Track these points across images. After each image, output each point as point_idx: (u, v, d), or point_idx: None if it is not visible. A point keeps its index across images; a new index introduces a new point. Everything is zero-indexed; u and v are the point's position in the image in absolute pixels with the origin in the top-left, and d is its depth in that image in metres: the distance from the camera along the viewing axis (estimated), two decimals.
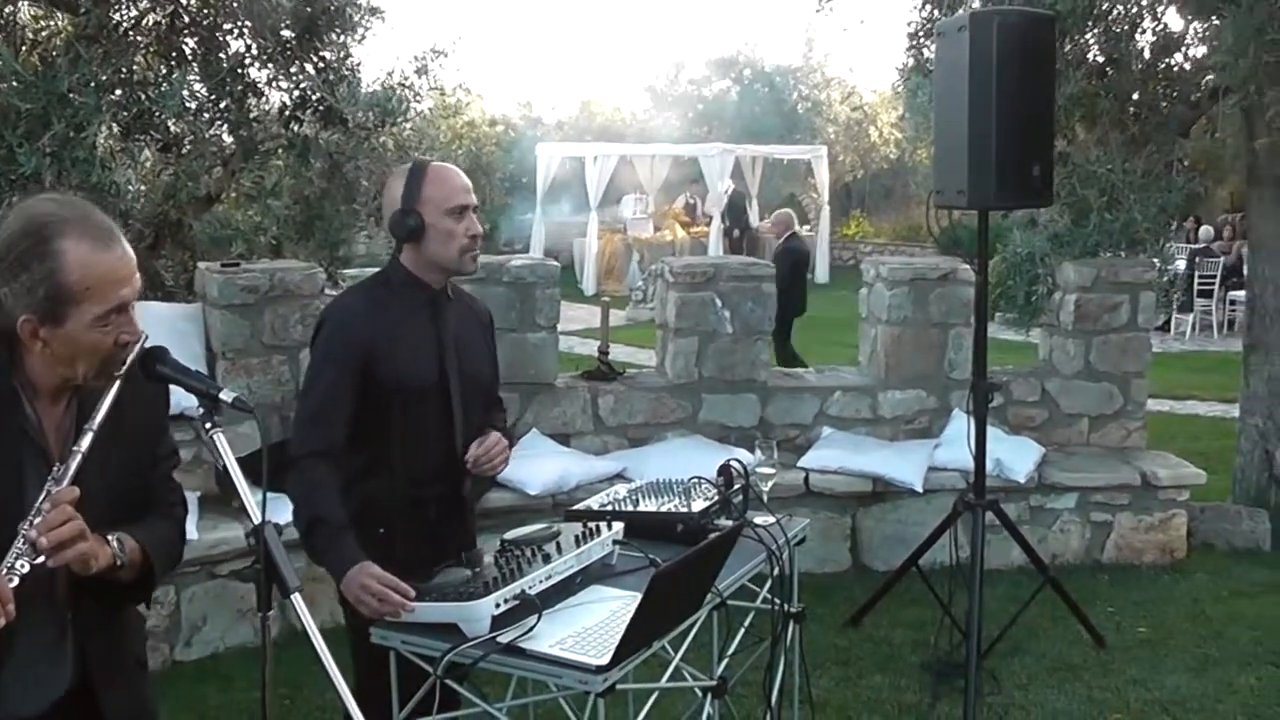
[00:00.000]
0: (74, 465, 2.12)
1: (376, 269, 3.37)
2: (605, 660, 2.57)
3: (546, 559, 2.95)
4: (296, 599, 2.08)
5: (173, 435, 2.52)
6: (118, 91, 6.25)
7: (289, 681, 4.61)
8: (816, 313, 15.68)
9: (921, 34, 7.93)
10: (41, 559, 2.05)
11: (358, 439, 3.09)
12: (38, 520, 2.06)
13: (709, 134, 27.80)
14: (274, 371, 5.93)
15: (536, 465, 5.99)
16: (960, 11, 6.62)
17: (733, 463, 3.69)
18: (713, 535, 3.18)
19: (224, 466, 5.77)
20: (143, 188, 6.35)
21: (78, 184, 5.46)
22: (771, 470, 3.79)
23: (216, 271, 5.92)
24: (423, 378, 3.15)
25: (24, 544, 2.05)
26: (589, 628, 2.76)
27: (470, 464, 3.14)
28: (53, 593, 2.22)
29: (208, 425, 2.20)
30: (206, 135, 6.65)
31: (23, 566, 2.03)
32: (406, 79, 6.98)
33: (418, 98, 6.96)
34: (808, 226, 23.96)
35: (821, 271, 22.18)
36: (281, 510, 2.72)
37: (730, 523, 3.41)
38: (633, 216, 22.62)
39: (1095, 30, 7.20)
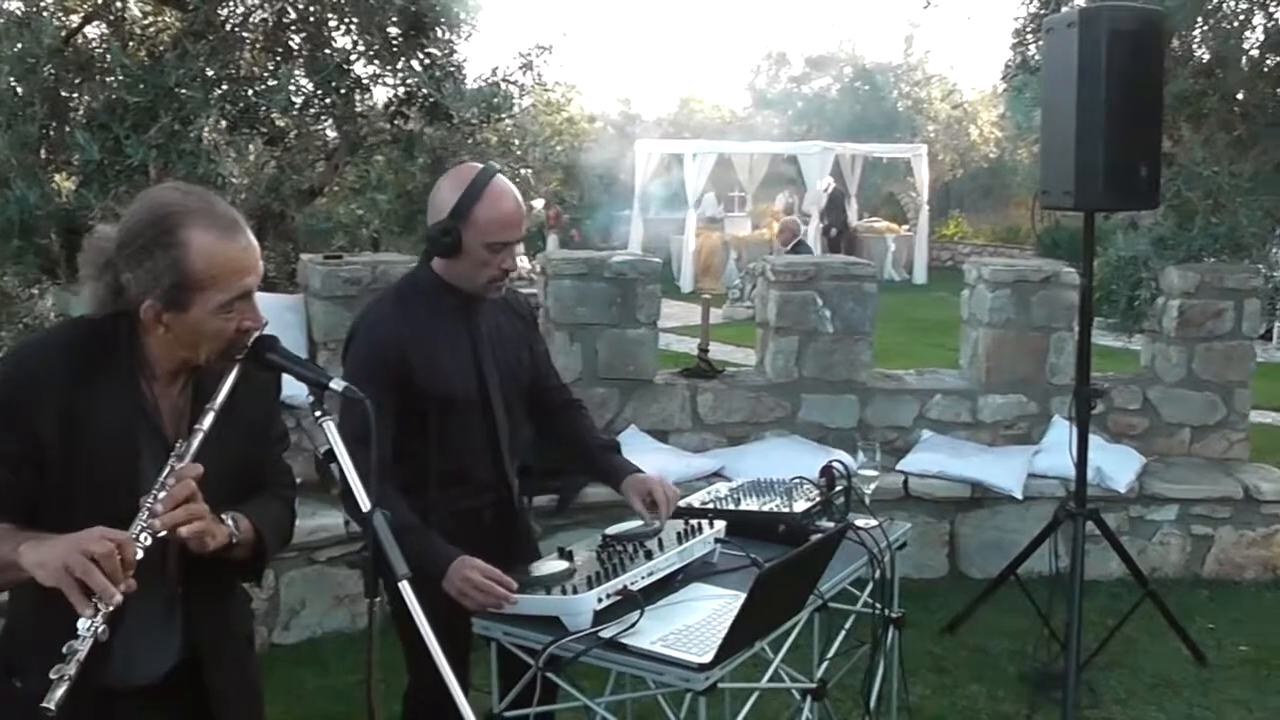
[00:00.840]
0: (196, 443, 2.18)
1: None
2: (707, 658, 2.56)
3: (649, 555, 2.96)
4: (404, 586, 2.09)
5: (283, 419, 2.57)
6: (224, 86, 6.39)
7: (387, 666, 4.62)
8: (915, 314, 15.56)
9: (1028, 30, 7.81)
10: (163, 532, 2.10)
11: (402, 451, 3.01)
12: (161, 495, 2.11)
13: (808, 132, 27.68)
14: None
15: (634, 461, 5.97)
16: (1068, 7, 6.49)
17: (835, 464, 3.67)
18: (816, 537, 3.16)
19: (324, 454, 5.83)
20: (246, 180, 6.47)
21: (183, 175, 5.58)
22: (874, 473, 3.76)
23: (319, 263, 6.02)
24: (461, 388, 3.08)
25: (146, 517, 2.09)
26: (690, 625, 2.76)
27: (660, 523, 3.08)
28: (164, 567, 2.28)
29: (317, 414, 2.23)
30: (311, 130, 6.77)
31: (145, 539, 2.07)
32: (511, 74, 7.03)
33: (522, 93, 7.00)
34: (906, 226, 23.77)
35: (919, 272, 21.96)
36: None
37: (832, 524, 3.40)
38: (711, 216, 22.55)
39: (1203, 27, 7.02)
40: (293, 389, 2.37)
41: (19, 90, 5.75)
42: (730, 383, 6.76)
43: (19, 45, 5.77)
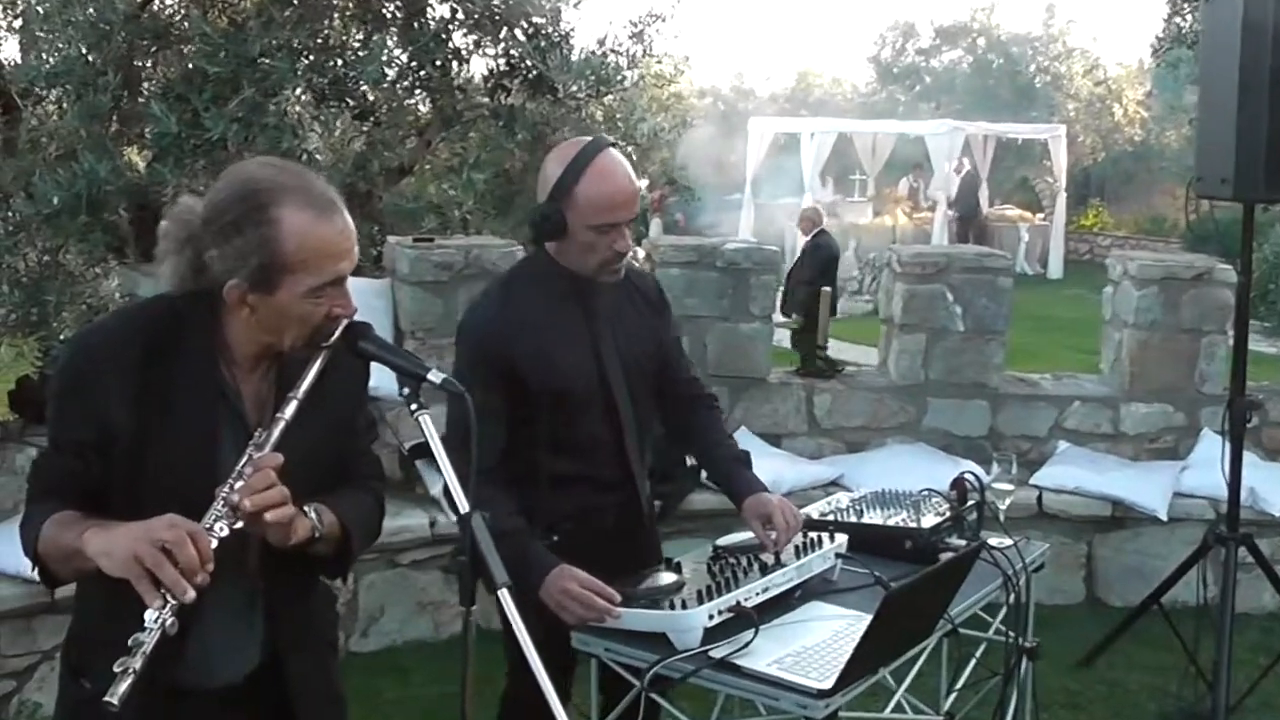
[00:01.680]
0: (277, 432, 2.19)
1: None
2: (828, 684, 2.55)
3: (764, 569, 2.96)
4: (503, 594, 2.11)
5: (370, 410, 2.59)
6: (310, 56, 6.45)
7: (478, 678, 4.72)
8: (1050, 313, 15.31)
9: None
10: (240, 523, 2.11)
11: (517, 448, 3.03)
12: (239, 484, 2.12)
13: (937, 110, 27.38)
14: None
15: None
16: None
17: (967, 475, 3.63)
18: (947, 556, 3.13)
19: (409, 449, 5.87)
20: (332, 157, 6.55)
21: (265, 150, 5.62)
22: (1009, 486, 3.72)
23: (408, 246, 6.09)
24: (578, 380, 3.07)
25: (223, 507, 2.11)
26: (809, 647, 2.75)
27: (777, 550, 3.07)
28: (244, 561, 2.30)
29: (413, 407, 2.24)
30: (403, 104, 6.83)
31: (221, 530, 2.09)
32: (620, 45, 7.02)
33: (631, 65, 6.99)
34: (1041, 215, 23.40)
35: (1055, 266, 21.60)
36: None
37: (963, 543, 3.36)
38: (814, 202, 22.37)
39: None
40: (376, 380, 2.41)
41: (90, 59, 5.84)
42: (850, 383, 6.73)
43: (90, 10, 5.86)
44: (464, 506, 2.15)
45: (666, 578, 2.93)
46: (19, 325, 5.72)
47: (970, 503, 3.55)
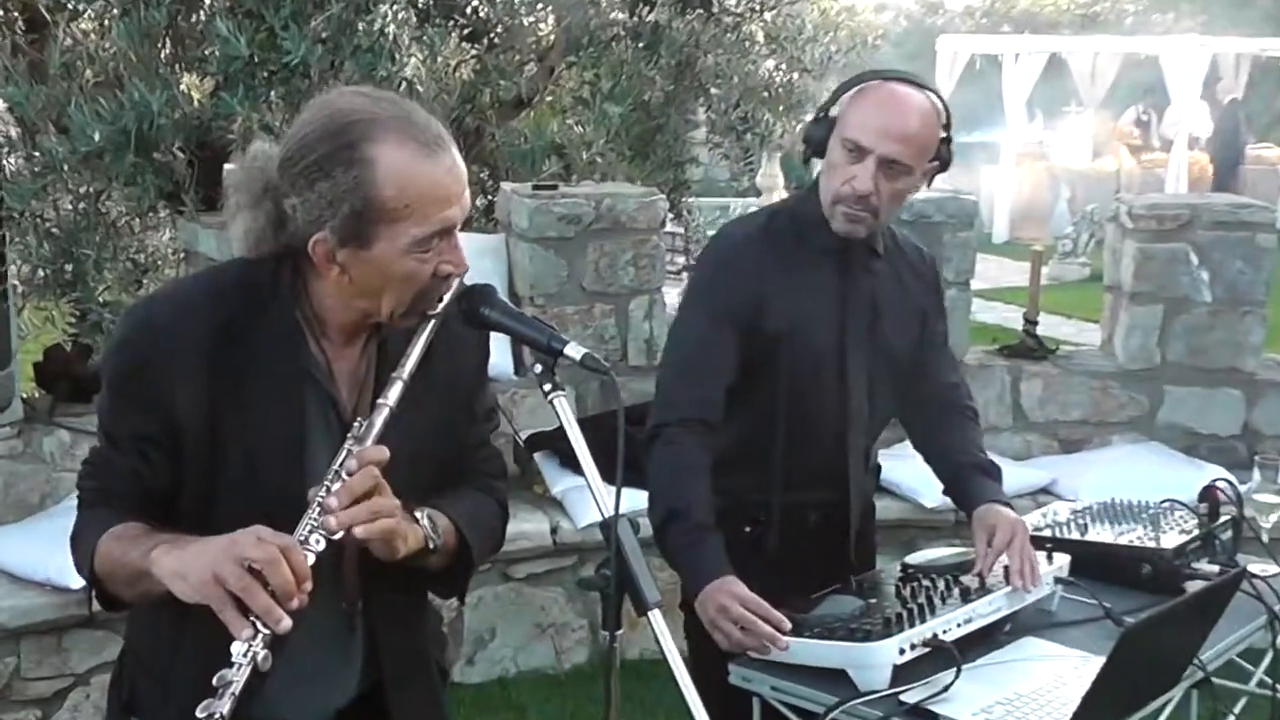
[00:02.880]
0: (380, 421, 2.19)
1: (717, 199, 3.41)
2: None
3: (966, 595, 2.94)
4: (655, 616, 2.13)
5: (493, 393, 2.63)
6: None
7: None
8: None
9: None
10: (339, 534, 2.11)
11: (731, 414, 3.13)
12: (336, 487, 2.12)
13: (1175, 22, 26.77)
14: (596, 325, 6.12)
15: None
16: None
17: (1220, 485, 3.57)
18: (1197, 585, 3.09)
19: (526, 441, 5.94)
20: (435, 87, 6.59)
21: (356, 78, 5.66)
22: (1275, 499, 3.64)
23: (527, 195, 6.14)
24: (817, 347, 3.16)
25: (319, 514, 2.10)
26: (1022, 694, 2.73)
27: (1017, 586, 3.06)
28: (340, 578, 2.33)
29: (547, 388, 2.24)
30: (522, 22, 6.85)
31: (317, 542, 2.09)
32: None
33: None
34: None
35: None
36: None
37: (1216, 568, 3.31)
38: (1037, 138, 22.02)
39: None
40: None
41: None
42: (1065, 367, 6.66)
43: None
44: (608, 509, 2.16)
45: (847, 602, 2.93)
46: (49, 285, 5.84)
47: (1224, 519, 3.49)
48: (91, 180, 5.83)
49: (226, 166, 6.21)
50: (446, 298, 2.25)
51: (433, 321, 2.26)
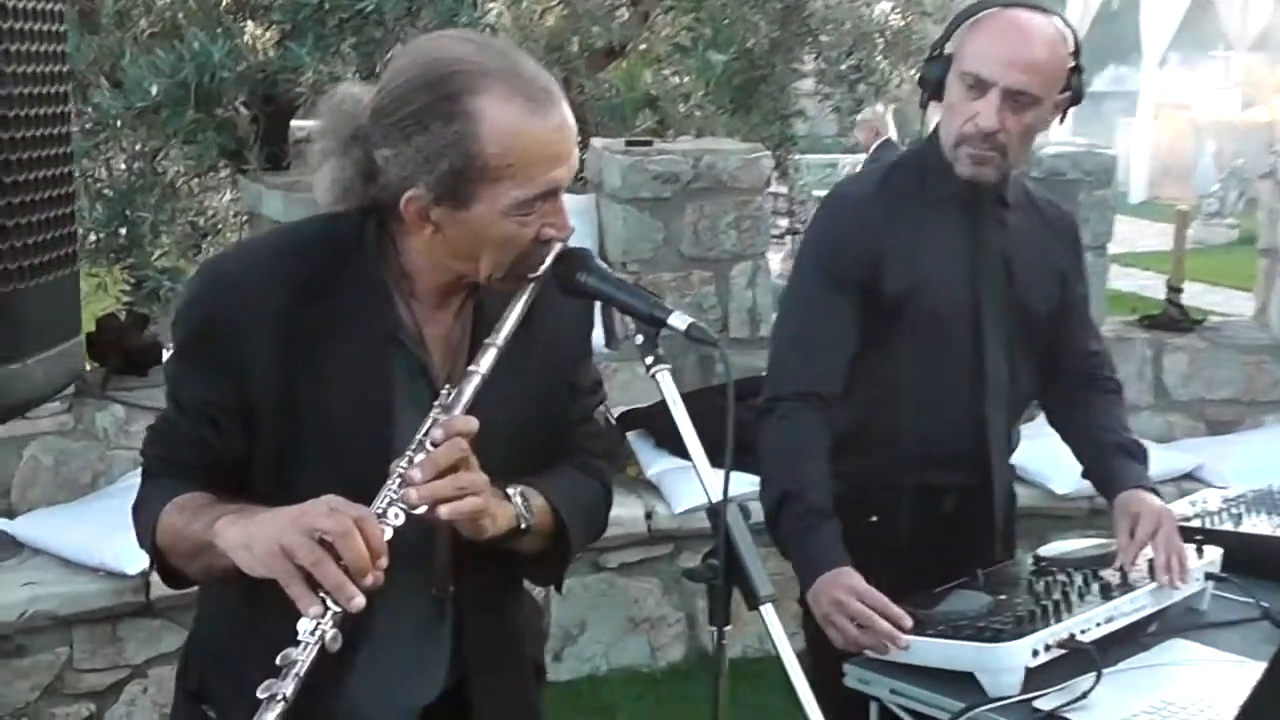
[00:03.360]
0: (470, 389, 2.16)
1: (825, 156, 3.40)
2: None
3: (1105, 592, 2.90)
4: (767, 612, 2.11)
5: (596, 365, 2.61)
6: None
7: None
8: None
9: None
10: (421, 509, 2.09)
11: (851, 388, 3.11)
12: (420, 458, 2.11)
13: None
14: (695, 293, 6.13)
15: (1065, 450, 5.88)
16: None
17: None
18: None
19: (618, 418, 5.95)
20: (520, 34, 6.59)
21: (433, 25, 5.68)
22: None
23: (620, 152, 6.15)
24: (947, 304, 3.13)
25: (399, 487, 2.09)
26: (1170, 702, 2.70)
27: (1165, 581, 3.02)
28: (429, 558, 2.33)
29: (649, 360, 2.23)
30: None
31: (396, 517, 2.08)
32: None
33: None
34: None
35: None
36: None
37: None
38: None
39: None
40: None
41: None
42: (1213, 339, 6.61)
43: None
44: (714, 493, 2.14)
45: (974, 598, 2.91)
46: (101, 250, 5.90)
47: None
48: (147, 138, 5.88)
49: (294, 123, 6.27)
50: (548, 261, 2.24)
51: (532, 285, 2.25)
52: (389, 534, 2.05)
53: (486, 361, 2.18)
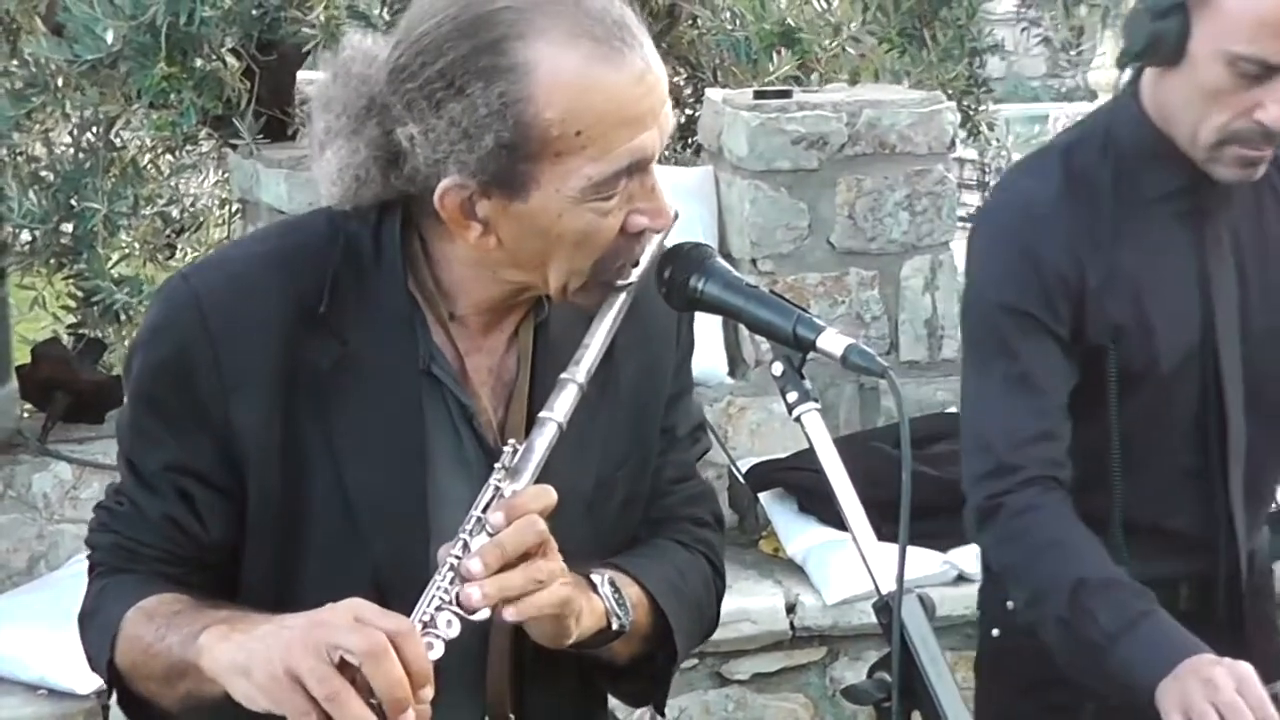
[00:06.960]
0: (545, 445, 2.14)
1: (1031, 105, 3.33)
2: None
3: None
4: None
5: (699, 402, 2.61)
6: None
7: None
8: None
9: None
10: (483, 613, 2.06)
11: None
12: (479, 542, 2.08)
13: None
14: (850, 300, 6.12)
15: None
16: None
17: None
18: None
19: (745, 475, 6.02)
20: None
21: None
22: None
23: (746, 108, 6.16)
24: (1170, 341, 3.08)
25: (452, 583, 2.06)
26: None
27: None
28: (481, 671, 2.32)
29: (792, 397, 2.18)
30: None
31: (449, 625, 2.05)
32: None
33: None
34: None
35: None
36: None
37: None
38: None
39: None
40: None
41: None
42: None
43: None
44: (884, 578, 2.12)
45: None
46: (38, 253, 5.92)
47: None
48: (100, 101, 5.88)
49: (301, 75, 6.30)
50: (643, 262, 2.22)
51: (622, 297, 2.23)
52: (438, 651, 2.02)
53: (564, 405, 2.16)
